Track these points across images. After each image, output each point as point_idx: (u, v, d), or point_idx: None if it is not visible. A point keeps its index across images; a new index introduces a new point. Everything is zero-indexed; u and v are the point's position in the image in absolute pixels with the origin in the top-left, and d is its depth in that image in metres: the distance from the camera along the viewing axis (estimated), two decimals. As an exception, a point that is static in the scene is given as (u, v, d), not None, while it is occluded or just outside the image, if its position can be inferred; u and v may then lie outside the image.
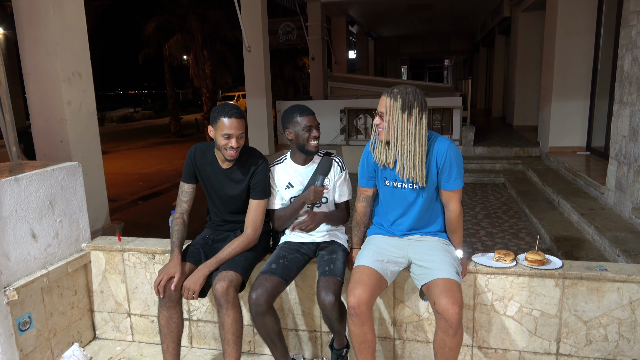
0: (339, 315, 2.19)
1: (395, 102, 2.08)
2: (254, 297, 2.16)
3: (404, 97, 2.08)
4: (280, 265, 2.29)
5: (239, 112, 2.30)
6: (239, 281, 2.25)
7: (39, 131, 3.58)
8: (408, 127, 2.09)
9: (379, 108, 2.14)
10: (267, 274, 2.24)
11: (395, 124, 2.09)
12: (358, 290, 2.03)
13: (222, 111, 2.28)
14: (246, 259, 2.36)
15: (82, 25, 3.68)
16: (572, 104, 7.39)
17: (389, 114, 2.09)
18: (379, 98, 2.17)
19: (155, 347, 2.84)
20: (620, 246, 3.66)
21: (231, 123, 2.26)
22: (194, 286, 2.23)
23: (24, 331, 2.41)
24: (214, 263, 2.31)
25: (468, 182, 7.70)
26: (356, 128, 9.80)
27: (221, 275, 2.23)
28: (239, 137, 2.29)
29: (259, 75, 8.03)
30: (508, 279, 2.34)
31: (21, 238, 2.41)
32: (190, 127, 20.97)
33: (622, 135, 4.47)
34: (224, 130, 2.26)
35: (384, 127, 2.13)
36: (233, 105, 2.33)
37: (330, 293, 2.13)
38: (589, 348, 2.32)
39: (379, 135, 2.18)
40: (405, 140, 2.10)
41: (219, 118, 2.27)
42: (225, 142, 2.28)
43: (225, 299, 2.18)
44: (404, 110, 2.07)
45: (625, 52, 4.49)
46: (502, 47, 14.40)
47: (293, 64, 26.19)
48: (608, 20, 6.60)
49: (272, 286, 2.19)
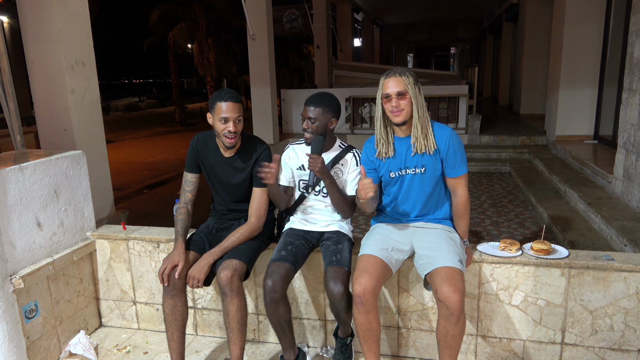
0: (347, 305, 2.19)
1: (409, 79, 2.14)
2: (270, 284, 2.15)
3: (409, 72, 2.17)
4: (289, 251, 2.29)
5: (235, 96, 2.29)
6: (243, 270, 2.25)
7: (43, 120, 3.59)
8: (422, 99, 2.17)
9: (396, 88, 2.12)
10: (279, 261, 2.23)
11: (417, 98, 2.15)
12: (364, 279, 2.03)
13: (219, 96, 2.28)
14: (250, 248, 2.36)
15: (85, 13, 3.66)
16: (580, 92, 7.30)
17: (411, 90, 2.14)
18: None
19: (161, 334, 2.86)
20: (627, 235, 3.63)
21: (227, 106, 2.25)
22: (199, 274, 2.24)
23: (30, 319, 2.43)
24: (218, 252, 2.31)
25: (474, 170, 7.65)
26: (361, 116, 9.75)
27: (225, 264, 2.23)
28: (236, 121, 2.28)
29: (263, 64, 7.99)
30: (513, 269, 2.33)
31: (26, 227, 2.42)
32: (195, 115, 20.97)
33: (631, 124, 4.42)
34: (220, 114, 2.26)
35: (407, 105, 2.14)
36: (229, 90, 2.32)
37: (340, 283, 2.12)
38: (595, 338, 2.31)
39: (396, 117, 2.15)
40: (420, 113, 2.16)
41: (216, 103, 2.27)
42: (223, 126, 2.27)
43: (229, 287, 2.18)
44: (416, 84, 2.16)
45: (635, 39, 4.41)
46: (509, 34, 14.23)
47: (298, 52, 26.03)
48: (618, 6, 6.49)
49: (285, 273, 2.20)
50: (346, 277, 2.17)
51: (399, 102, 2.13)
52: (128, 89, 46.34)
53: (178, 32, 17.42)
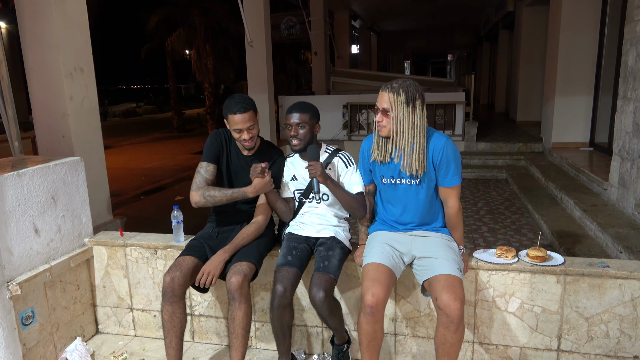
0: (330, 311, 2.20)
1: (398, 97, 2.09)
2: (281, 290, 2.16)
3: (406, 90, 2.09)
4: (295, 256, 2.31)
5: (243, 105, 2.31)
6: (252, 272, 2.27)
7: (41, 126, 3.59)
8: (413, 120, 2.11)
9: (381, 105, 2.13)
10: (287, 266, 2.25)
11: (402, 118, 2.10)
12: (376, 289, 2.01)
13: (228, 108, 2.32)
14: (257, 249, 2.39)
15: (84, 19, 3.67)
16: (576, 100, 7.35)
17: (395, 109, 2.09)
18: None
19: (157, 341, 2.85)
20: (622, 242, 3.65)
21: (237, 119, 2.31)
22: (215, 270, 2.25)
23: (27, 325, 2.42)
24: (232, 248, 2.34)
25: (470, 177, 7.68)
26: (358, 123, 9.78)
27: (235, 268, 2.24)
28: (250, 129, 2.35)
29: (261, 70, 8.01)
30: (510, 275, 2.34)
31: (24, 233, 2.42)
32: (192, 121, 20.97)
33: (626, 131, 4.45)
34: (233, 127, 2.34)
35: (388, 122, 2.13)
36: (238, 98, 2.33)
37: (322, 290, 2.13)
38: (590, 344, 2.32)
39: (380, 131, 2.18)
40: (409, 133, 2.11)
41: (227, 115, 2.33)
42: (238, 135, 2.37)
43: (239, 292, 2.19)
44: (408, 104, 2.09)
45: (629, 47, 4.45)
46: (505, 41, 14.33)
47: (295, 59, 26.09)
48: (612, 15, 6.55)
49: (294, 277, 2.23)
50: (330, 284, 2.18)
51: (382, 117, 2.15)
52: (126, 94, 46.30)
53: (176, 38, 17.45)
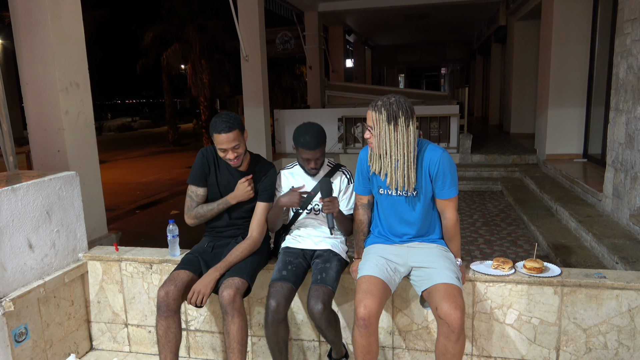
0: (328, 324, 2.19)
1: (380, 115, 2.08)
2: (274, 305, 2.15)
3: (388, 108, 2.07)
4: (290, 271, 2.30)
5: (228, 125, 2.28)
6: (244, 287, 2.25)
7: (37, 141, 3.58)
8: (396, 138, 2.09)
9: (368, 122, 2.16)
10: (282, 281, 2.24)
11: (384, 137, 2.10)
12: (368, 301, 2.00)
13: (213, 127, 2.31)
14: (251, 265, 2.37)
15: (80, 35, 3.69)
16: (569, 112, 7.43)
17: (377, 127, 2.11)
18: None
19: (153, 357, 2.81)
20: (618, 253, 3.66)
21: (222, 139, 2.29)
22: (205, 289, 2.23)
23: (20, 342, 2.39)
24: (223, 266, 2.32)
25: (466, 189, 7.70)
26: (354, 136, 9.82)
27: (227, 282, 2.23)
28: (235, 148, 2.33)
29: (256, 84, 8.05)
30: (507, 287, 2.33)
31: (18, 248, 2.39)
32: (188, 136, 20.98)
33: (619, 143, 4.49)
34: (218, 146, 2.33)
35: (372, 139, 2.15)
36: (224, 117, 2.32)
37: (320, 302, 2.13)
38: (589, 356, 2.31)
39: (370, 147, 2.22)
40: (393, 151, 2.11)
41: (212, 134, 2.32)
42: (223, 154, 2.35)
43: (232, 306, 2.17)
44: (389, 122, 2.07)
45: (620, 60, 4.52)
46: (498, 55, 14.48)
47: (291, 73, 26.26)
48: (603, 29, 6.66)
49: (288, 293, 2.21)
50: (328, 296, 2.17)
51: (369, 134, 2.16)
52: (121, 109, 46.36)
53: (171, 53, 17.55)
